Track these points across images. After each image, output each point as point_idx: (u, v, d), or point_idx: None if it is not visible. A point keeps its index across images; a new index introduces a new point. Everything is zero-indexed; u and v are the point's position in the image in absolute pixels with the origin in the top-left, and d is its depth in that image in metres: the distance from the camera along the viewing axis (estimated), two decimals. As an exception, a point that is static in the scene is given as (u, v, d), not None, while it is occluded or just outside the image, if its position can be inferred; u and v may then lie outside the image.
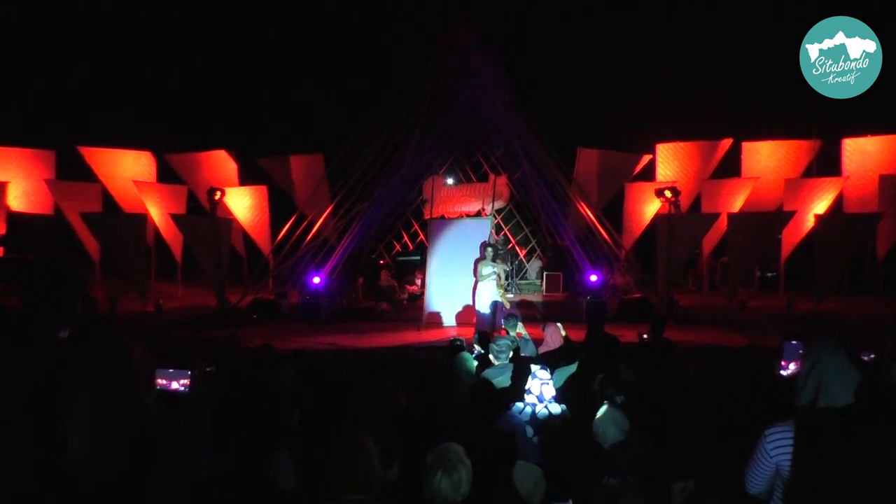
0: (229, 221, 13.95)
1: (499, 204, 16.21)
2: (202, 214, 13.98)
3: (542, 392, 4.03)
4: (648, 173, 15.22)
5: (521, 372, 4.49)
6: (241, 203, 15.29)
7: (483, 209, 15.69)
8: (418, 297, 13.62)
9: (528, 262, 17.03)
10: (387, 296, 13.63)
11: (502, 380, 4.74)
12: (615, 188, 15.15)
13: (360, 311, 12.96)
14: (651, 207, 14.33)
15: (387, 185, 15.27)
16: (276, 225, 15.15)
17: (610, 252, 13.20)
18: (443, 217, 15.20)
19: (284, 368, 4.43)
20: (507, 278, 14.81)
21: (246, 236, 15.72)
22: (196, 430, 3.19)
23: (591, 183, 15.14)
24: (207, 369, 4.72)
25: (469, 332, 9.44)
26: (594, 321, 6.61)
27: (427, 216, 15.03)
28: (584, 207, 13.70)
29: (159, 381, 3.71)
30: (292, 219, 14.15)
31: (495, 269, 9.53)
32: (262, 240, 15.53)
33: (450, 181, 16.97)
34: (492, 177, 16.34)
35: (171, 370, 3.75)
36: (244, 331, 10.26)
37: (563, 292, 14.61)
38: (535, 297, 14.55)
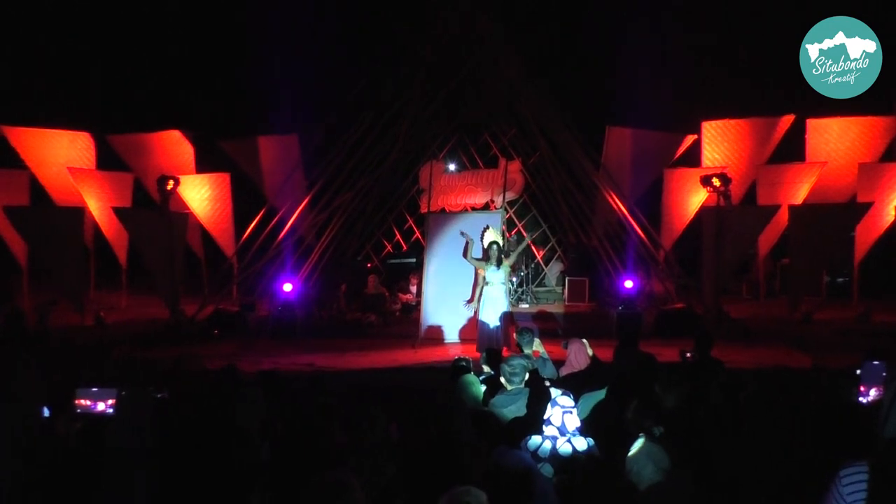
0: (185, 216, 13.94)
1: (511, 195, 16.21)
2: (151, 208, 13.98)
3: (564, 423, 4.02)
4: (693, 157, 15.20)
5: (538, 398, 4.48)
6: (199, 194, 15.30)
7: (492, 201, 15.70)
8: (414, 308, 13.60)
9: (546, 266, 17.03)
10: (375, 306, 13.62)
11: (516, 408, 4.73)
12: (652, 175, 15.13)
13: (342, 324, 12.96)
14: (696, 198, 14.31)
15: (375, 173, 15.27)
16: (241, 220, 15.15)
17: (646, 253, 13.19)
18: (443, 210, 15.20)
19: (251, 394, 4.42)
20: (519, 284, 14.83)
21: (205, 234, 15.72)
22: (127, 462, 3.18)
23: (624, 169, 15.12)
24: (158, 395, 4.73)
25: (475, 350, 9.46)
26: (627, 337, 6.59)
27: (424, 209, 15.03)
28: (615, 198, 13.69)
29: (81, 402, 3.70)
30: (261, 213, 14.15)
31: (504, 271, 9.52)
32: (225, 238, 15.53)
33: (452, 167, 16.98)
34: (502, 162, 16.34)
35: (94, 389, 3.74)
36: (203, 349, 10.26)
37: (589, 302, 14.60)
38: (556, 308, 14.54)
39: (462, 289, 10.92)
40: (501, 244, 9.97)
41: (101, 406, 3.91)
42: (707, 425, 4.11)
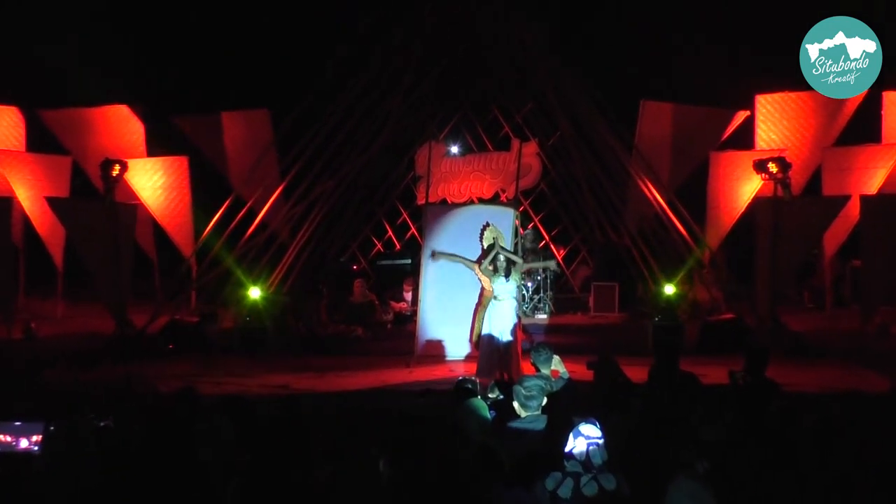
0: (133, 208, 13.95)
1: (526, 183, 16.18)
2: (93, 198, 13.99)
3: (589, 456, 4.03)
4: (745, 137, 15.18)
5: (559, 427, 4.49)
6: (151, 181, 15.29)
7: (503, 190, 15.68)
8: (408, 319, 13.59)
9: (568, 269, 17.01)
10: (362, 317, 13.62)
11: (532, 438, 4.73)
12: (696, 160, 15.12)
13: (323, 339, 12.96)
14: (748, 187, 14.29)
15: (363, 156, 15.25)
16: (201, 214, 15.15)
17: (688, 253, 13.19)
18: (444, 202, 15.19)
19: (214, 423, 4.44)
20: (535, 290, 14.82)
21: (158, 230, 15.72)
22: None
23: (662, 152, 15.10)
24: (101, 424, 4.74)
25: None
26: (665, 354, 6.59)
27: (421, 200, 15.02)
28: (651, 188, 13.68)
29: (1, 438, 3.73)
30: (225, 204, 14.15)
31: (514, 283, 9.37)
32: (182, 235, 15.53)
33: (454, 150, 16.97)
34: (515, 143, 16.29)
35: (17, 423, 3.77)
36: (155, 368, 10.27)
37: (620, 312, 14.59)
38: (582, 319, 14.54)
39: (467, 296, 10.92)
40: (513, 243, 9.91)
41: (24, 443, 3.93)
42: (761, 460, 4.12)
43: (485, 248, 10.01)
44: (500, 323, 9.41)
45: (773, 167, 12.21)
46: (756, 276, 12.77)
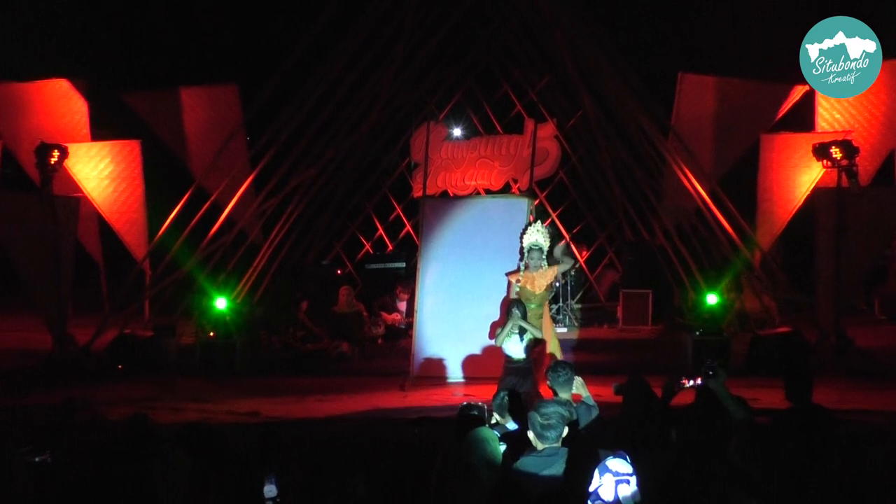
0: (76, 201, 13.96)
1: (542, 171, 16.21)
2: (27, 189, 14.00)
3: (618, 496, 4.04)
4: (803, 117, 15.19)
5: (582, 462, 4.49)
6: (97, 170, 15.30)
7: (514, 180, 15.70)
8: (403, 333, 13.59)
9: (593, 274, 17.02)
10: (348, 330, 13.62)
11: (550, 475, 4.74)
12: (744, 144, 15.11)
13: (302, 356, 12.97)
14: (806, 176, 14.29)
15: (348, 140, 15.26)
16: (156, 209, 15.16)
17: (735, 254, 13.19)
18: (445, 194, 15.21)
19: (171, 457, 4.44)
20: (554, 299, 14.83)
21: (105, 227, 15.73)
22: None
23: (704, 134, 15.09)
24: (37, 459, 4.76)
25: (489, 393, 9.44)
26: (708, 373, 6.59)
27: (418, 193, 15.04)
28: (690, 177, 13.68)
29: None
30: (185, 198, 14.16)
31: (527, 344, 9.10)
32: (134, 234, 15.52)
33: (457, 132, 16.99)
34: (529, 124, 16.34)
35: None
36: (101, 391, 10.26)
37: (654, 324, 14.59)
38: (608, 333, 14.53)
39: (473, 306, 10.90)
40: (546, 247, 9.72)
41: None
42: (819, 499, 4.13)
43: (525, 247, 9.86)
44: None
45: (836, 152, 12.20)
46: (817, 282, 12.76)
